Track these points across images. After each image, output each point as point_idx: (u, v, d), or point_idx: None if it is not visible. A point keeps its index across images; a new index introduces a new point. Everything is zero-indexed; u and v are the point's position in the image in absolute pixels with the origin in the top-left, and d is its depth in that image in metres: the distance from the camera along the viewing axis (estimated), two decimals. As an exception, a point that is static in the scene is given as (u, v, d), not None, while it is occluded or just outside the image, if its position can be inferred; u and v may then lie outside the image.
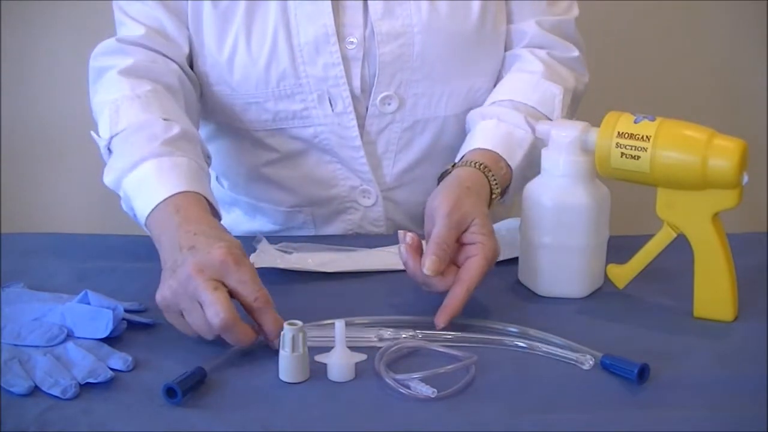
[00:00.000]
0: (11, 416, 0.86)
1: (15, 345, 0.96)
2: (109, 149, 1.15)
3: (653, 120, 1.00)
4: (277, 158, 1.29)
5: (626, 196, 1.31)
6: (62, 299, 1.03)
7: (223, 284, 0.94)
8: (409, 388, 0.90)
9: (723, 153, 0.98)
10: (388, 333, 0.98)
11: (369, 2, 1.22)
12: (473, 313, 1.03)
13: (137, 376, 0.93)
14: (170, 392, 0.88)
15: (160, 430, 0.86)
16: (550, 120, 1.21)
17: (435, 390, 0.89)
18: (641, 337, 1.01)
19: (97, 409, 0.88)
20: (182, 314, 0.95)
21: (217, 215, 1.07)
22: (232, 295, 0.95)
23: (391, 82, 1.24)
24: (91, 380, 0.91)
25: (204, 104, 1.30)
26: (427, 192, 1.11)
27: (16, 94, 1.88)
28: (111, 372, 0.92)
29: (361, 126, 1.25)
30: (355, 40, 1.22)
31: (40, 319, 0.99)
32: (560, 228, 1.06)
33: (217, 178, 1.40)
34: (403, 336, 0.98)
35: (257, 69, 1.22)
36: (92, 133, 1.19)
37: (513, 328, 1.00)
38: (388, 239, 1.18)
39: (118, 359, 0.94)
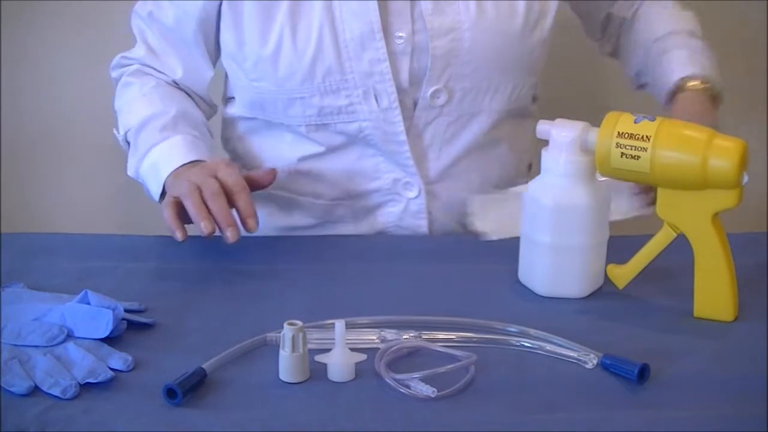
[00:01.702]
0: (11, 416, 0.87)
1: (15, 345, 0.96)
2: (127, 143, 1.30)
3: (653, 120, 1.00)
4: (319, 152, 1.30)
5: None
6: (62, 299, 1.03)
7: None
8: (409, 388, 0.90)
9: (723, 153, 0.98)
10: (390, 334, 0.98)
11: (418, 1, 1.24)
12: (473, 313, 1.03)
13: (137, 376, 0.93)
14: (170, 393, 0.88)
15: (160, 430, 0.86)
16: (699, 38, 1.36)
17: (435, 390, 0.89)
18: (641, 337, 1.01)
19: (97, 409, 0.88)
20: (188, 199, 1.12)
21: None
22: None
23: (441, 75, 1.25)
24: (91, 380, 0.91)
25: (242, 100, 1.32)
26: (466, 187, 1.18)
27: (16, 94, 1.88)
28: (111, 372, 0.92)
29: (407, 119, 1.26)
30: (403, 35, 1.24)
31: (40, 319, 0.99)
32: (560, 228, 1.06)
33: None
34: (404, 337, 0.98)
35: (303, 65, 1.23)
36: (114, 131, 1.33)
37: (513, 328, 1.00)
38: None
39: (118, 359, 0.94)
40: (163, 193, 1.21)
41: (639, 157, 1.00)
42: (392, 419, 0.87)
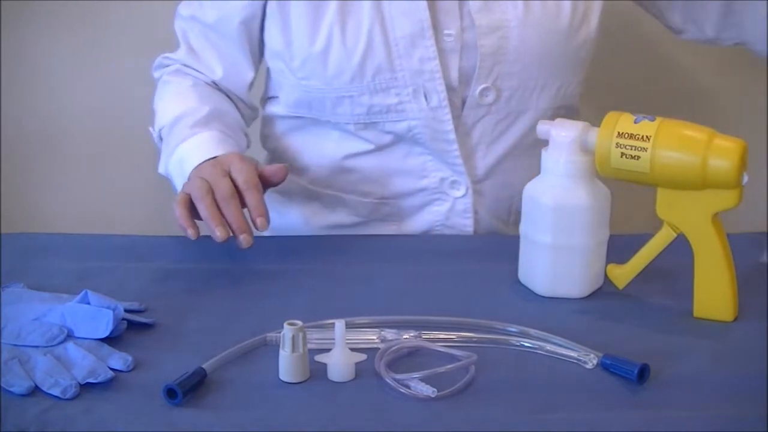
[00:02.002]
0: (11, 416, 0.86)
1: (15, 345, 0.96)
2: (160, 140, 1.31)
3: (653, 120, 1.00)
4: (366, 150, 1.30)
5: (626, 196, 1.31)
6: (62, 299, 1.03)
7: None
8: (409, 388, 0.90)
9: (723, 153, 0.98)
10: (390, 334, 0.98)
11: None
12: (473, 313, 1.03)
13: (137, 376, 0.93)
14: (171, 393, 0.88)
15: (160, 430, 0.86)
16: None
17: (435, 390, 0.89)
18: (641, 337, 1.01)
19: (97, 409, 0.88)
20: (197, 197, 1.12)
21: None
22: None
23: (490, 74, 1.25)
24: (91, 380, 0.91)
25: (287, 99, 1.32)
26: (511, 186, 1.20)
27: (16, 93, 1.88)
28: (111, 372, 0.92)
29: (456, 117, 1.26)
30: (452, 33, 1.24)
31: (40, 319, 0.99)
32: (560, 228, 1.06)
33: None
34: (404, 337, 0.98)
35: (352, 63, 1.23)
36: (150, 128, 1.35)
37: (513, 328, 1.00)
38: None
39: (118, 359, 0.94)
40: None
41: (639, 157, 1.00)
42: (392, 419, 0.87)
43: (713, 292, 1.03)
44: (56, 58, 1.86)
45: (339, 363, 0.93)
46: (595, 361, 0.94)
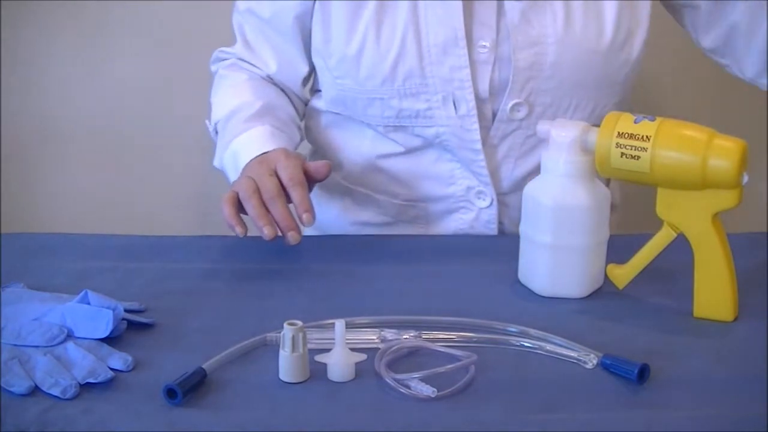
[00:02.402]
0: (11, 416, 0.86)
1: (15, 345, 0.96)
2: (216, 132, 1.33)
3: (653, 120, 1.00)
4: (397, 152, 1.30)
5: (627, 196, 1.31)
6: (62, 299, 1.03)
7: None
8: (409, 388, 0.90)
9: (723, 153, 0.98)
10: (390, 334, 0.98)
11: (506, 7, 1.22)
12: (473, 313, 1.03)
13: (137, 376, 0.93)
14: (170, 393, 0.88)
15: (160, 430, 0.86)
16: None
17: (435, 390, 0.89)
18: (641, 337, 1.01)
19: (97, 409, 0.88)
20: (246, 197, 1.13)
21: None
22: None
23: (523, 89, 1.24)
24: (91, 380, 0.91)
25: (326, 95, 1.33)
26: None
27: (17, 93, 1.88)
28: (111, 372, 0.92)
29: (485, 128, 1.26)
30: (487, 44, 1.23)
31: (40, 319, 0.99)
32: (560, 228, 1.06)
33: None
34: (404, 337, 0.98)
35: (384, 66, 1.23)
36: (206, 122, 1.36)
37: (513, 328, 1.00)
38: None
39: (118, 359, 0.94)
40: None
41: (639, 157, 1.00)
42: (392, 419, 0.87)
43: (713, 293, 1.03)
44: (56, 58, 1.87)
45: (339, 363, 0.92)
46: (595, 361, 0.94)
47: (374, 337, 0.98)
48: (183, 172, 1.92)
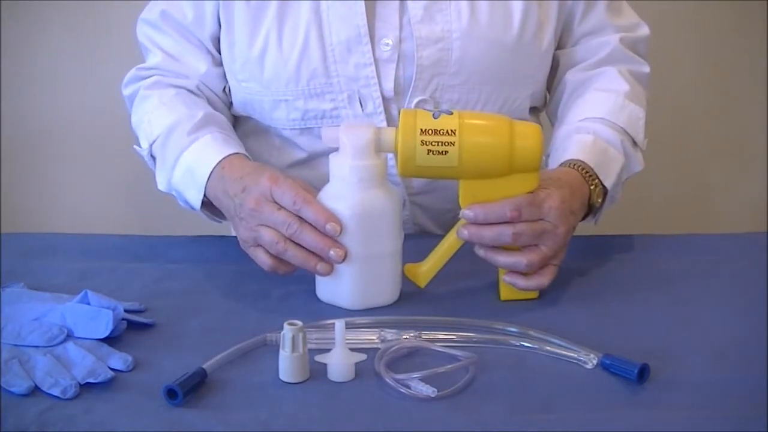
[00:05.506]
0: (11, 416, 0.87)
1: (15, 345, 0.96)
2: (152, 157, 1.25)
3: (451, 113, 1.01)
4: (304, 158, 1.29)
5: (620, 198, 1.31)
6: (62, 299, 1.03)
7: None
8: (409, 388, 0.90)
9: (526, 136, 1.01)
10: (390, 334, 0.98)
11: (408, 5, 1.21)
12: (473, 313, 1.03)
13: (137, 376, 0.93)
14: (171, 393, 0.88)
15: (160, 430, 0.86)
16: (636, 143, 1.24)
17: (435, 390, 0.89)
18: (641, 337, 1.01)
19: (97, 409, 0.88)
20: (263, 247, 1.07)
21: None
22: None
23: (428, 86, 1.23)
24: (91, 380, 0.91)
25: (235, 100, 1.30)
26: (452, 199, 1.09)
27: (17, 93, 1.88)
28: (111, 372, 0.92)
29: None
30: (390, 42, 1.22)
31: (40, 319, 0.99)
32: (368, 236, 1.03)
33: None
34: (404, 337, 0.98)
35: (288, 67, 1.22)
36: (135, 147, 1.29)
37: (513, 328, 1.00)
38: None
39: (118, 359, 0.94)
40: (203, 200, 1.18)
41: (447, 152, 0.99)
42: (392, 419, 0.87)
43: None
44: (56, 58, 1.87)
45: (339, 363, 0.93)
46: (595, 361, 0.95)
47: (374, 338, 0.98)
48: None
